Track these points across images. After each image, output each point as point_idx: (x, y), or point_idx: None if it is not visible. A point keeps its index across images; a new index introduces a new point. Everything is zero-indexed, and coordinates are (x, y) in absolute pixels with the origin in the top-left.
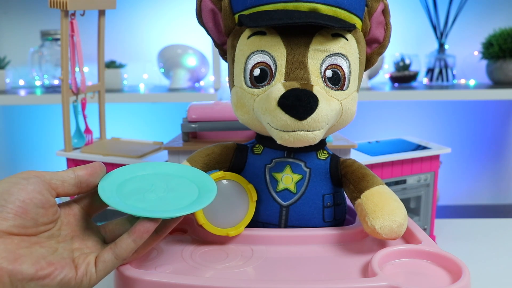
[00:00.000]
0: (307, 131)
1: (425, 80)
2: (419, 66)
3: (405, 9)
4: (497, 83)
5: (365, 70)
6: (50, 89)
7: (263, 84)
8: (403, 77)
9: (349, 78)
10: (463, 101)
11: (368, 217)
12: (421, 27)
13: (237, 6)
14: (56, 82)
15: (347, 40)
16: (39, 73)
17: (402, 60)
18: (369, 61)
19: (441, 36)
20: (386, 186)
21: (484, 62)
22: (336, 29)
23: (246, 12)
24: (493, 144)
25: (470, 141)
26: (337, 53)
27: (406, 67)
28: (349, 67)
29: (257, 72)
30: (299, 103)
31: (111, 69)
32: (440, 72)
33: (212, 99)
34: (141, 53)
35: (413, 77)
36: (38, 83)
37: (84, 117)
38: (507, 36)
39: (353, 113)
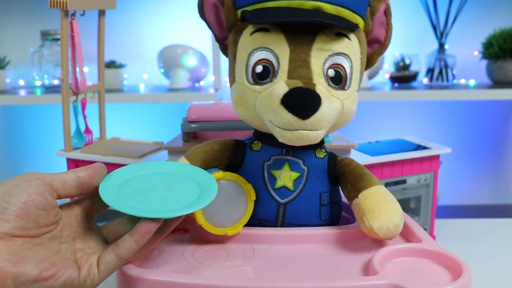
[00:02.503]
0: (310, 130)
1: (425, 80)
2: (419, 66)
3: (405, 9)
4: (497, 83)
5: (365, 70)
6: (50, 89)
7: (265, 81)
8: (403, 77)
9: (351, 78)
10: (463, 101)
11: (366, 217)
12: (421, 27)
13: (240, 1)
14: (56, 82)
15: (350, 40)
16: (39, 73)
17: (402, 60)
18: (370, 61)
19: (441, 36)
20: (383, 186)
21: (484, 62)
22: (340, 29)
23: (249, 8)
24: (493, 144)
25: (470, 141)
26: (340, 53)
27: (406, 67)
28: (351, 67)
29: (259, 69)
30: (303, 102)
31: (111, 69)
32: (440, 72)
33: (212, 99)
34: (141, 53)
35: (413, 77)
36: (38, 83)
37: (84, 117)
38: (507, 36)
39: (353, 112)
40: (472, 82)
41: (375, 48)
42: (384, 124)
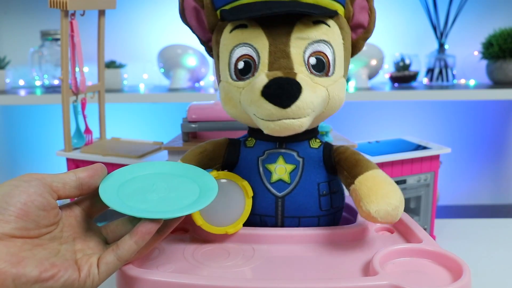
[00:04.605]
0: (293, 118)
1: (425, 80)
2: (419, 66)
3: (405, 9)
4: (497, 83)
5: (352, 56)
6: (50, 89)
7: (247, 76)
8: (403, 77)
9: (334, 64)
10: (463, 101)
11: (363, 201)
12: (421, 27)
13: (219, 1)
14: (56, 82)
15: (329, 26)
16: (39, 73)
17: (402, 60)
18: (355, 46)
19: (441, 36)
20: (380, 170)
21: (484, 62)
22: (316, 16)
23: (227, 7)
24: (493, 144)
25: (470, 141)
26: (319, 40)
27: (406, 67)
28: (333, 53)
29: (241, 65)
30: (281, 91)
31: (111, 69)
32: (440, 72)
33: (212, 99)
34: (141, 53)
35: (413, 77)
36: (38, 83)
37: (84, 117)
38: (507, 36)
39: (342, 99)
40: (472, 82)
41: (359, 33)
42: (384, 124)
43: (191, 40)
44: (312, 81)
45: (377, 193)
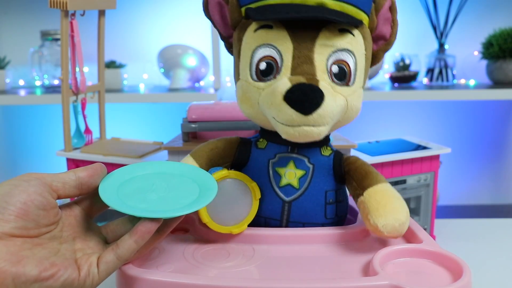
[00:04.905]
0: (313, 126)
1: (425, 80)
2: (419, 66)
3: (405, 9)
4: (497, 83)
5: (370, 67)
6: (50, 89)
7: (269, 78)
8: (403, 77)
9: (355, 74)
10: (463, 101)
11: (371, 215)
12: (421, 27)
13: None
14: (56, 82)
15: (354, 36)
16: (39, 73)
17: (402, 60)
18: (375, 57)
19: (441, 36)
20: (389, 184)
21: (484, 62)
22: (343, 25)
23: (253, 5)
24: (493, 144)
25: (470, 141)
26: (343, 49)
27: (406, 67)
28: (355, 63)
29: (263, 65)
30: (305, 98)
31: (111, 69)
32: (440, 72)
33: (212, 99)
34: (141, 53)
35: (413, 77)
36: (38, 83)
37: (84, 117)
38: (507, 36)
39: (358, 109)
40: (472, 82)
41: (380, 44)
42: (384, 124)
43: (191, 40)
44: (333, 89)
45: (386, 208)
